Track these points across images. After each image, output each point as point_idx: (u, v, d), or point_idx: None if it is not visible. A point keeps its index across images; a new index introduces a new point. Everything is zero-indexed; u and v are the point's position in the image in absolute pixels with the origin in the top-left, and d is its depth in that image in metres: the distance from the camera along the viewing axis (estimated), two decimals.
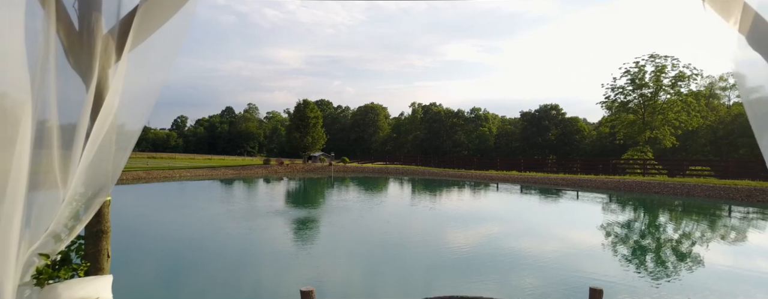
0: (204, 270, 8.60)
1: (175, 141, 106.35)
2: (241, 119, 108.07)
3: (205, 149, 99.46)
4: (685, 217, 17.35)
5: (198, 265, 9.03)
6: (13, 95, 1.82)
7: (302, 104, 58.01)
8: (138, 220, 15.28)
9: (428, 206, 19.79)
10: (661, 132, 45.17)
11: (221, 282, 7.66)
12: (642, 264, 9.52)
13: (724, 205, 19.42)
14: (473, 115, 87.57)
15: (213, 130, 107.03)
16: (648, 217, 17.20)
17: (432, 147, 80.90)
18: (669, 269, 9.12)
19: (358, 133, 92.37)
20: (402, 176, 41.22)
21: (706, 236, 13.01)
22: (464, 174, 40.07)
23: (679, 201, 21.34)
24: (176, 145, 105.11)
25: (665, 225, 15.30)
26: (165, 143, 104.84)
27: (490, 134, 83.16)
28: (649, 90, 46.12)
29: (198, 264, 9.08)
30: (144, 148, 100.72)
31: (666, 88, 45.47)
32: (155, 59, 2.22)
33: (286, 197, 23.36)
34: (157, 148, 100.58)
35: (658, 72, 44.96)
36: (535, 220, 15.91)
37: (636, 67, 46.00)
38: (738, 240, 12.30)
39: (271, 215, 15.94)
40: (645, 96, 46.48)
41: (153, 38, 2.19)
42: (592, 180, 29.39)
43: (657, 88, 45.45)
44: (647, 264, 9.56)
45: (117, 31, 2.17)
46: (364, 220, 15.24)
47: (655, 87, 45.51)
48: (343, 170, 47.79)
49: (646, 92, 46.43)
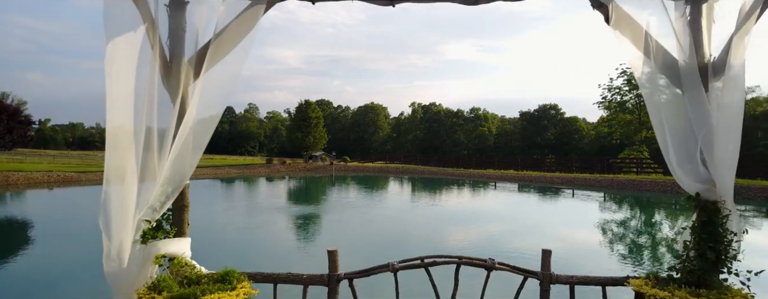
0: (255, 244, 11.34)
1: None
2: (241, 118, 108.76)
3: (206, 149, 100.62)
4: (655, 208, 18.51)
5: (249, 242, 11.54)
6: (127, 120, 2.64)
7: (304, 104, 58.79)
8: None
9: (428, 202, 20.59)
10: None
11: (274, 247, 10.79)
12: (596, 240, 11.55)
13: None
14: (473, 115, 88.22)
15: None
16: (625, 208, 18.23)
17: (432, 147, 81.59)
18: (613, 245, 11.66)
19: (358, 133, 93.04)
20: (402, 175, 42.01)
21: (658, 224, 14.70)
22: (463, 173, 40.86)
23: (664, 197, 22.12)
24: None
25: (634, 215, 16.79)
26: None
27: (489, 133, 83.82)
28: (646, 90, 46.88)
29: (249, 241, 11.61)
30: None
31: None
32: (223, 78, 3.01)
33: (296, 195, 24.20)
34: None
35: None
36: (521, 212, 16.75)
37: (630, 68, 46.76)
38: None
39: (293, 208, 16.84)
40: (640, 96, 47.26)
41: (221, 63, 2.98)
42: (586, 179, 30.17)
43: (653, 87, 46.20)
44: (600, 239, 11.84)
45: (195, 60, 2.96)
46: (366, 215, 16.08)
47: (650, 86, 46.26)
48: (344, 169, 48.57)
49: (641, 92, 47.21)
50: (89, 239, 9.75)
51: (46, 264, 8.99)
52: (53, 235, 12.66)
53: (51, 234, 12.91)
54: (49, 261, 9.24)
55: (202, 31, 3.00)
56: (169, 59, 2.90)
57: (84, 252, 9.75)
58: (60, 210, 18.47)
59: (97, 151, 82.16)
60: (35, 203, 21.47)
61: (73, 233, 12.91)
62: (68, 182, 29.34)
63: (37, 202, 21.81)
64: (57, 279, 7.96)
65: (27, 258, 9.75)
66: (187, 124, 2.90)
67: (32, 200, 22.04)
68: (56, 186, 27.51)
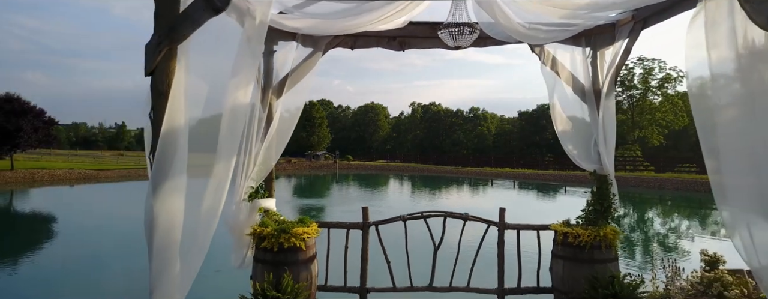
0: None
1: None
2: None
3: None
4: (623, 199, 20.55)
5: None
6: (240, 124, 4.36)
7: (308, 104, 60.59)
8: None
9: (426, 196, 22.33)
10: (649, 131, 47.69)
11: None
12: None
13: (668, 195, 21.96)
14: (472, 114, 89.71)
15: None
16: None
17: (431, 146, 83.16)
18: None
19: (358, 132, 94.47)
20: (402, 173, 43.76)
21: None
22: (461, 171, 42.61)
23: (647, 193, 23.85)
24: None
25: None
26: None
27: (488, 133, 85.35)
28: (638, 91, 48.63)
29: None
30: None
31: (654, 89, 47.94)
32: (296, 98, 4.70)
33: (308, 191, 25.93)
34: None
35: (646, 74, 47.43)
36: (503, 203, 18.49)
37: (625, 69, 48.45)
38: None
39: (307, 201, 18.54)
40: (634, 97, 48.96)
41: (294, 89, 4.70)
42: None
43: (645, 89, 47.92)
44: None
45: (277, 87, 4.68)
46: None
47: (643, 88, 47.99)
48: (347, 167, 50.32)
49: (634, 94, 48.94)
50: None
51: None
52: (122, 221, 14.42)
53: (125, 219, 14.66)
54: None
55: (281, 68, 4.72)
56: (263, 86, 4.63)
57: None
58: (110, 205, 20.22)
59: (102, 150, 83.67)
60: (91, 198, 23.23)
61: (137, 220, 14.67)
62: (88, 179, 31.09)
63: (89, 197, 23.56)
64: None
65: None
66: (273, 127, 4.62)
67: (78, 195, 23.80)
68: (77, 183, 29.25)
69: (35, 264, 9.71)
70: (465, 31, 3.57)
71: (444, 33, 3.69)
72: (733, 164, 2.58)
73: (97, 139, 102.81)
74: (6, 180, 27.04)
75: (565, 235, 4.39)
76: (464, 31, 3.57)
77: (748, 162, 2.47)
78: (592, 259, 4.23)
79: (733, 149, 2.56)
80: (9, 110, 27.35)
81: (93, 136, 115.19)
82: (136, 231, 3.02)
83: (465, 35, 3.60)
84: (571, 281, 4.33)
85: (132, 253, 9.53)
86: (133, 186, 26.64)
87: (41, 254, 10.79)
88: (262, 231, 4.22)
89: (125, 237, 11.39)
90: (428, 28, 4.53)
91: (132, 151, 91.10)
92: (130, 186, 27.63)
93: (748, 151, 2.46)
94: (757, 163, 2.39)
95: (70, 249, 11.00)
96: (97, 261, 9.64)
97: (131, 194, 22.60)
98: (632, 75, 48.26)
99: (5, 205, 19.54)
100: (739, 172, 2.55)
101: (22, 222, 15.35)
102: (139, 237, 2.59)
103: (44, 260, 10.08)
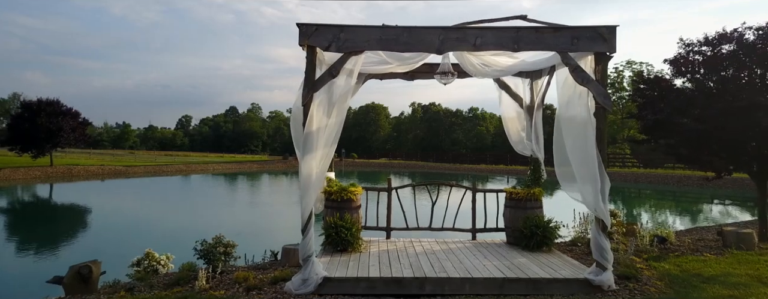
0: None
1: (182, 140, 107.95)
2: (244, 118, 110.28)
3: (211, 148, 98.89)
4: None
5: None
6: (320, 133, 7.27)
7: None
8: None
9: None
10: (637, 131, 50.50)
11: None
12: None
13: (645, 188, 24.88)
14: (471, 114, 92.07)
15: (218, 129, 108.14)
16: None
17: (431, 145, 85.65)
18: None
19: (359, 131, 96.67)
20: (403, 170, 46.64)
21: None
22: (458, 168, 45.56)
23: (625, 185, 26.74)
24: (182, 144, 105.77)
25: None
26: (172, 141, 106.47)
27: (487, 132, 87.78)
28: (627, 93, 51.42)
29: None
30: (151, 147, 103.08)
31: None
32: (342, 110, 7.57)
33: None
34: (165, 146, 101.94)
35: (635, 77, 50.24)
36: None
37: (615, 72, 51.30)
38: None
39: None
40: (623, 98, 51.77)
41: (343, 106, 7.57)
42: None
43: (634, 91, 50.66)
44: None
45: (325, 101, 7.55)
46: None
47: (632, 90, 50.78)
48: (351, 164, 53.24)
49: (624, 95, 51.74)
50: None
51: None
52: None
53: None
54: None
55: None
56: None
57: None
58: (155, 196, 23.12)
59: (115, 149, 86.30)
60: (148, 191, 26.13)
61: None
62: (118, 175, 34.03)
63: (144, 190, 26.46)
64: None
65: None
66: (333, 133, 7.50)
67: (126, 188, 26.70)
68: (108, 178, 32.15)
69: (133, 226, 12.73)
70: (448, 75, 6.44)
71: (437, 76, 6.57)
72: (563, 158, 5.52)
73: (102, 138, 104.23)
74: (48, 175, 30.03)
75: (511, 193, 7.27)
76: (448, 75, 6.44)
77: (567, 157, 5.42)
78: (526, 207, 7.11)
79: (564, 150, 5.52)
80: (51, 111, 30.54)
81: (98, 135, 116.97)
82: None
83: (449, 77, 6.47)
84: (514, 221, 7.20)
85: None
86: (165, 181, 29.45)
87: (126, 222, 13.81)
88: (330, 189, 7.10)
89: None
90: (428, 67, 7.41)
91: (137, 150, 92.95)
92: (161, 181, 30.51)
93: (567, 151, 5.41)
94: (568, 157, 5.35)
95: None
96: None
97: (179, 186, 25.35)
98: (622, 78, 51.12)
99: (77, 196, 22.48)
100: (565, 163, 5.49)
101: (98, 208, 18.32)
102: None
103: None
